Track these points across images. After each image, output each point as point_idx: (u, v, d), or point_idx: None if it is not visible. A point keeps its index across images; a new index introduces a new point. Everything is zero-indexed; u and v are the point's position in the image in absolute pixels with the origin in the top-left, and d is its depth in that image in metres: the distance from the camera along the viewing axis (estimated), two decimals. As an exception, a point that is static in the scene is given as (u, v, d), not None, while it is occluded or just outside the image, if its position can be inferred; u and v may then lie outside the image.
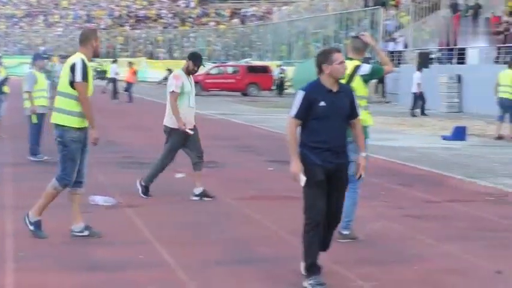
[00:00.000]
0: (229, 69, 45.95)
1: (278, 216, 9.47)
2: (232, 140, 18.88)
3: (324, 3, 58.89)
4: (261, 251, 7.79)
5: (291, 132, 6.35)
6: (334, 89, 6.40)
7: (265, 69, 45.15)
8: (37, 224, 7.97)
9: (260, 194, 10.79)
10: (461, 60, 33.37)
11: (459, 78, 31.04)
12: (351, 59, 8.02)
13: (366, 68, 7.96)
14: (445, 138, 19.18)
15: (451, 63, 33.94)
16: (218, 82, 43.89)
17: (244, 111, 29.89)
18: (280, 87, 44.14)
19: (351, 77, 7.85)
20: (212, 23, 73.53)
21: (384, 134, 19.77)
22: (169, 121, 10.39)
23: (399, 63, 38.62)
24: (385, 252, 7.85)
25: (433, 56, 36.13)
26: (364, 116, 7.60)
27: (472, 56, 33.14)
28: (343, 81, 7.95)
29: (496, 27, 33.49)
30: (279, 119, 22.64)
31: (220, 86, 43.69)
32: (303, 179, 6.28)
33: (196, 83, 11.67)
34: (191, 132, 10.32)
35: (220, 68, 46.57)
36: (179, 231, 8.54)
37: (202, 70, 47.60)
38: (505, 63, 28.24)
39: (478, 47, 33.22)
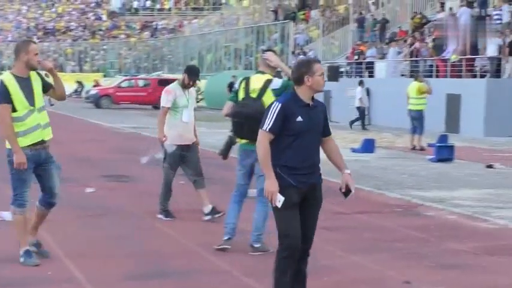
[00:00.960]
0: (141, 83, 45.65)
1: (189, 229, 9.46)
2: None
3: (234, 17, 59.24)
4: (172, 264, 7.76)
5: (264, 147, 5.77)
6: (310, 103, 5.88)
7: (177, 83, 45.04)
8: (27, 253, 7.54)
9: (171, 208, 10.75)
10: (371, 74, 33.99)
11: (368, 92, 31.62)
12: (262, 72, 8.09)
13: (277, 83, 7.99)
14: (354, 150, 19.48)
15: (361, 76, 34.53)
16: (129, 95, 43.49)
17: (155, 125, 29.66)
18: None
19: (263, 90, 7.91)
20: (123, 36, 73.02)
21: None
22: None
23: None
24: (296, 264, 7.90)
25: (342, 69, 36.69)
26: None
27: (379, 69, 33.78)
28: (253, 95, 8.06)
29: (403, 41, 34.25)
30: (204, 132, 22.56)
31: (131, 99, 43.31)
32: (280, 199, 5.74)
33: (106, 96, 11.50)
34: (170, 149, 9.86)
35: (132, 81, 46.22)
36: (90, 246, 8.43)
37: (114, 82, 47.43)
38: (411, 76, 28.93)
39: (385, 61, 33.89)
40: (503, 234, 9.71)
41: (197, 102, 44.93)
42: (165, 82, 45.00)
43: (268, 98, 7.85)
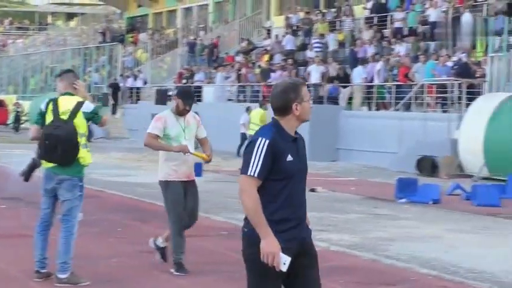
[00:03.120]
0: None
1: (10, 254, 9.15)
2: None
3: (62, 38, 58.13)
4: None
5: (252, 197, 4.54)
6: (294, 136, 4.77)
7: (0, 103, 43.75)
8: None
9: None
10: (198, 98, 34.26)
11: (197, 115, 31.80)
12: (70, 94, 7.85)
13: (89, 106, 7.78)
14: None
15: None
16: None
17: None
18: (16, 122, 42.79)
19: (74, 113, 7.66)
20: None
21: (122, 170, 19.75)
22: (159, 174, 8.55)
23: (138, 100, 38.96)
24: (121, 289, 7.81)
25: (170, 93, 36.77)
26: (83, 154, 7.58)
27: (207, 93, 34.12)
28: (64, 117, 7.62)
29: (231, 66, 34.79)
30: (17, 154, 21.89)
31: None
32: (287, 259, 4.55)
33: None
34: (189, 152, 8.41)
35: None
36: None
37: None
38: (238, 101, 29.44)
39: (213, 85, 34.28)
40: (325, 257, 9.98)
41: (21, 123, 43.21)
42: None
43: (80, 120, 7.65)
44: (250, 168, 4.55)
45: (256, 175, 4.54)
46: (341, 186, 18.49)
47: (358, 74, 27.43)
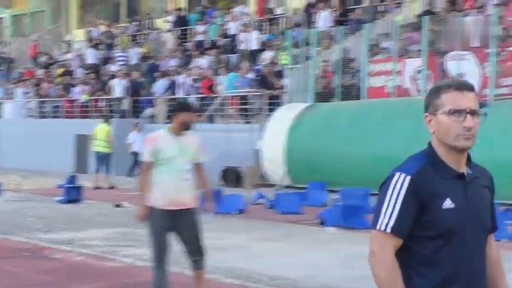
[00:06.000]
0: None
1: None
2: None
3: None
4: None
5: (386, 265, 3.05)
6: (465, 171, 3.20)
7: None
8: None
9: None
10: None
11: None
12: None
13: None
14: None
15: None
16: None
17: None
18: None
19: None
20: None
21: None
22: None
23: None
24: None
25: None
26: None
27: (7, 110, 33.07)
28: None
29: (30, 81, 33.81)
30: None
31: None
32: None
33: None
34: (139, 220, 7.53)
35: None
36: None
37: None
38: (41, 117, 28.68)
39: (12, 101, 33.21)
40: (130, 272, 9.89)
41: None
42: None
43: None
44: (380, 220, 3.05)
45: (389, 230, 3.04)
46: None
47: (160, 87, 27.44)
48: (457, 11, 21.85)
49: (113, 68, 31.13)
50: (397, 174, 3.06)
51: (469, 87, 3.09)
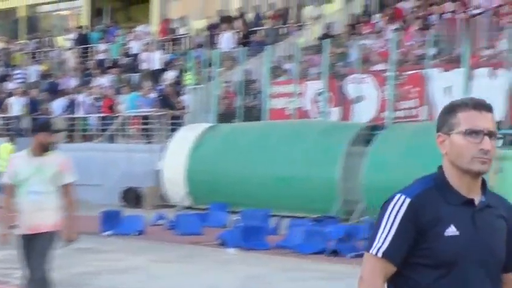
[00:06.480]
0: None
1: None
2: None
3: None
4: None
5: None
6: (477, 198, 2.92)
7: None
8: None
9: None
10: None
11: None
12: None
13: None
14: None
15: None
16: None
17: None
18: None
19: None
20: None
21: None
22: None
23: None
24: None
25: None
26: None
27: None
28: None
29: None
30: None
31: None
32: None
33: None
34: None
35: None
36: None
37: None
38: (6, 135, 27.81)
39: None
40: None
41: None
42: None
43: None
44: (375, 243, 2.82)
45: (380, 255, 2.79)
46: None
47: (59, 106, 26.92)
48: (356, 35, 22.28)
49: (10, 85, 30.42)
50: (398, 195, 2.83)
51: (488, 108, 2.83)
